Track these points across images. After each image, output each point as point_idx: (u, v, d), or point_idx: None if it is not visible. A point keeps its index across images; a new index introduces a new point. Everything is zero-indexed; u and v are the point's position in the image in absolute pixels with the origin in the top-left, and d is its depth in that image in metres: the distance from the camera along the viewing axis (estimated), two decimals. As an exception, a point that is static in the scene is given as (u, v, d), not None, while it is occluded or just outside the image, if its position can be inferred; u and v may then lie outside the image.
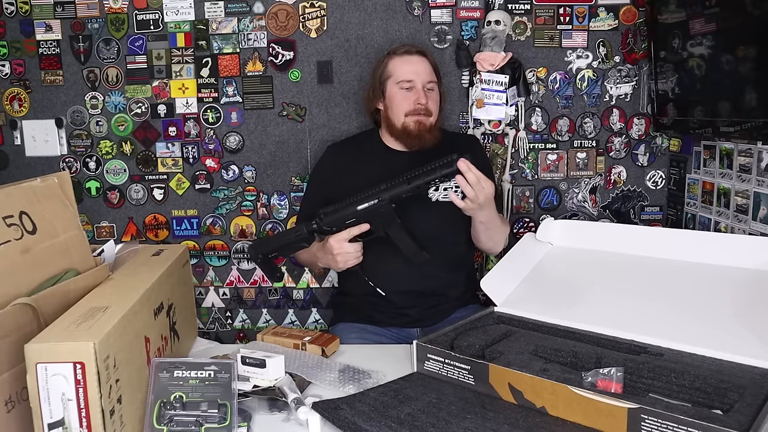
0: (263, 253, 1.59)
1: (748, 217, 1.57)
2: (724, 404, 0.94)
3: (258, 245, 1.63)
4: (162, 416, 0.95)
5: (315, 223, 1.54)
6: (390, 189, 1.49)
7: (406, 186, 1.47)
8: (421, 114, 1.67)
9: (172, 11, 2.00)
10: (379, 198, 1.49)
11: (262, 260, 1.60)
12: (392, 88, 1.71)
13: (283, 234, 1.60)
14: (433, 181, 1.45)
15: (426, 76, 1.70)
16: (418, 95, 1.67)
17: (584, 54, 1.96)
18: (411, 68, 1.70)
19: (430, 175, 1.44)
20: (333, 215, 1.52)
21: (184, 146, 2.07)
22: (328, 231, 1.53)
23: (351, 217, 1.51)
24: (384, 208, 1.49)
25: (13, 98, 2.07)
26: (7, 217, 0.96)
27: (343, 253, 1.53)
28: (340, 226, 1.52)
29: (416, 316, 1.69)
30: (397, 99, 1.70)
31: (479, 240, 1.70)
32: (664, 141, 2.00)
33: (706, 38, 1.55)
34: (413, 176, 1.46)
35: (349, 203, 1.51)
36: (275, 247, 1.60)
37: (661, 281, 1.35)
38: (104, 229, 2.12)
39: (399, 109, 1.69)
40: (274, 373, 1.11)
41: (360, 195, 1.51)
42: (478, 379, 1.11)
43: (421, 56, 1.73)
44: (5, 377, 0.87)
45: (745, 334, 1.13)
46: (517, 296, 1.43)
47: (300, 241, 1.56)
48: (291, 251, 1.63)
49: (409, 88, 1.69)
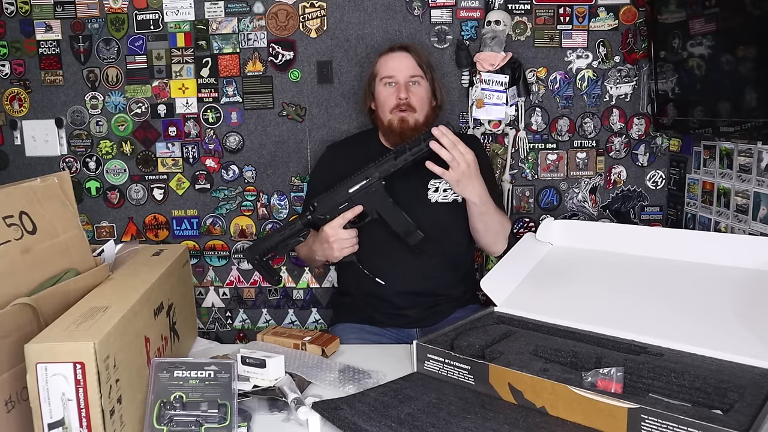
0: (259, 254, 1.58)
1: (748, 217, 1.57)
2: (724, 404, 0.94)
3: (253, 247, 1.61)
4: (162, 416, 0.95)
5: (309, 213, 1.54)
6: (378, 166, 1.51)
7: (393, 161, 1.50)
8: (403, 110, 1.67)
9: (172, 11, 2.00)
10: (369, 177, 1.51)
11: (259, 262, 1.59)
12: (378, 86, 1.74)
13: (277, 231, 1.59)
14: (420, 152, 1.48)
15: (408, 70, 1.70)
16: (399, 90, 1.68)
17: (584, 54, 1.96)
18: (392, 64, 1.72)
19: (415, 146, 1.49)
20: (325, 202, 1.53)
21: (184, 146, 2.07)
22: (323, 219, 1.54)
23: (343, 201, 1.52)
24: (375, 187, 1.51)
25: (13, 98, 2.07)
26: (7, 217, 0.96)
27: (338, 240, 1.53)
28: (333, 213, 1.53)
29: (416, 316, 1.68)
30: (382, 96, 1.72)
31: (476, 230, 1.67)
32: (664, 141, 2.00)
33: (706, 38, 1.55)
34: (399, 150, 1.50)
35: (339, 187, 1.53)
36: (271, 245, 1.58)
37: (661, 281, 1.35)
38: (104, 229, 2.12)
39: (384, 105, 1.71)
40: (274, 373, 1.11)
41: (350, 178, 1.52)
42: (478, 379, 1.11)
43: (403, 51, 1.73)
44: (5, 377, 0.86)
45: (745, 334, 1.13)
46: (517, 296, 1.43)
47: (295, 235, 1.56)
48: (288, 248, 1.62)
49: (391, 83, 1.70)
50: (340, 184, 1.53)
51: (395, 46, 1.77)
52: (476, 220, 1.64)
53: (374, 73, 1.76)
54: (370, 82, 1.77)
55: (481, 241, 1.72)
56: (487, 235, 1.68)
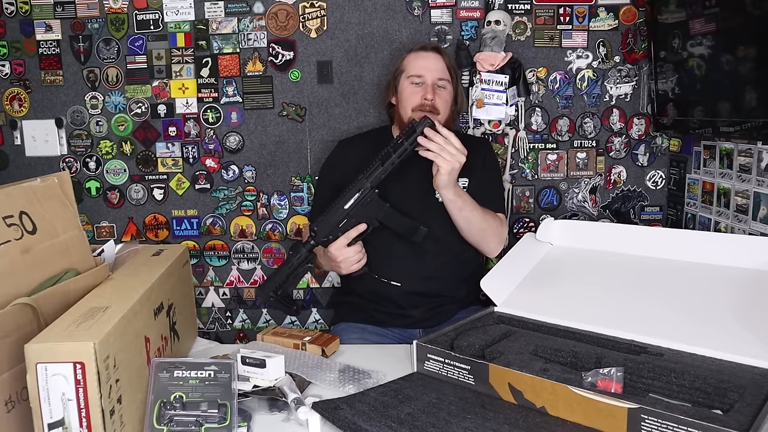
0: (273, 290, 1.55)
1: (748, 217, 1.57)
2: (724, 404, 0.94)
3: (264, 286, 1.57)
4: (162, 416, 0.95)
5: (311, 239, 1.53)
6: (368, 176, 1.50)
7: (380, 167, 1.49)
8: (426, 110, 1.64)
9: (172, 11, 2.00)
10: (361, 188, 1.50)
11: (275, 299, 1.56)
12: (404, 83, 1.72)
13: (284, 264, 1.55)
14: (404, 152, 1.47)
15: (437, 73, 1.69)
16: (426, 90, 1.67)
17: (584, 54, 1.96)
18: (422, 63, 1.70)
19: (398, 148, 1.48)
20: (324, 224, 1.52)
21: (184, 146, 2.07)
22: (326, 242, 1.53)
23: (342, 219, 1.51)
24: (369, 197, 1.50)
25: (13, 98, 2.07)
26: (7, 217, 0.96)
27: (345, 259, 1.53)
28: (335, 232, 1.52)
29: (419, 316, 1.68)
30: (406, 93, 1.70)
31: (460, 228, 1.63)
32: (664, 141, 2.00)
33: (706, 38, 1.55)
34: (384, 155, 1.49)
35: (335, 206, 1.51)
36: (281, 280, 1.54)
37: (661, 281, 1.35)
38: (104, 229, 2.12)
39: (407, 102, 1.69)
40: (274, 373, 1.11)
41: (342, 194, 1.51)
42: (478, 379, 1.11)
43: (435, 53, 1.73)
44: (5, 377, 0.86)
45: (745, 334, 1.13)
46: (517, 296, 1.43)
47: (303, 264, 1.53)
48: (298, 278, 1.59)
49: (418, 83, 1.69)
50: (335, 203, 1.52)
51: (428, 46, 1.75)
52: (456, 216, 1.60)
53: (401, 68, 1.74)
54: (396, 77, 1.75)
55: (470, 240, 1.67)
56: (471, 234, 1.64)
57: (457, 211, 1.59)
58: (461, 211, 1.59)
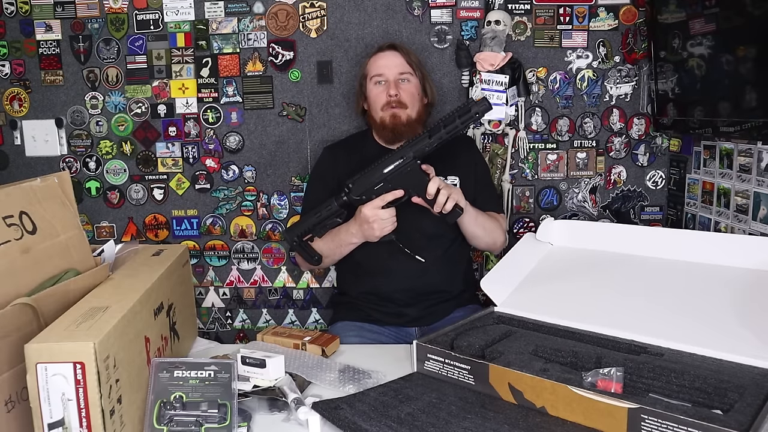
0: (298, 235, 1.56)
1: (748, 217, 1.57)
2: (724, 404, 0.94)
3: (291, 230, 1.60)
4: (162, 416, 0.95)
5: (344, 194, 1.53)
6: (413, 145, 1.49)
7: (427, 139, 1.48)
8: (394, 106, 1.69)
9: (172, 11, 2.00)
10: (404, 156, 1.49)
11: (298, 243, 1.57)
12: (369, 86, 1.76)
13: (314, 212, 1.56)
14: (454, 129, 1.45)
15: (397, 68, 1.73)
16: (389, 87, 1.70)
17: (584, 54, 1.96)
18: (381, 62, 1.74)
19: (450, 123, 1.45)
20: (360, 182, 1.52)
21: (184, 146, 2.07)
22: (358, 200, 1.53)
23: (379, 182, 1.51)
24: (410, 167, 1.49)
25: (13, 98, 2.07)
26: (7, 217, 0.96)
27: (378, 220, 1.53)
28: (369, 193, 1.52)
29: (415, 314, 1.69)
30: (372, 94, 1.74)
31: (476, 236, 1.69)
32: (664, 141, 2.00)
33: (706, 38, 1.55)
34: (434, 128, 1.48)
35: (374, 167, 1.51)
36: (309, 227, 1.56)
37: (661, 281, 1.35)
38: (104, 229, 2.12)
39: (376, 104, 1.73)
40: (274, 373, 1.11)
41: (384, 158, 1.51)
42: (478, 379, 1.11)
43: (392, 50, 1.76)
44: (5, 377, 0.86)
45: (745, 334, 1.13)
46: (517, 296, 1.43)
47: (332, 216, 1.54)
48: (325, 229, 1.58)
49: (381, 81, 1.72)
50: (375, 165, 1.52)
51: (383, 46, 1.79)
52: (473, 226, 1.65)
53: (365, 73, 1.79)
54: (362, 83, 1.80)
55: (484, 241, 1.72)
56: (486, 236, 1.70)
57: (473, 221, 1.63)
58: (476, 219, 1.64)
